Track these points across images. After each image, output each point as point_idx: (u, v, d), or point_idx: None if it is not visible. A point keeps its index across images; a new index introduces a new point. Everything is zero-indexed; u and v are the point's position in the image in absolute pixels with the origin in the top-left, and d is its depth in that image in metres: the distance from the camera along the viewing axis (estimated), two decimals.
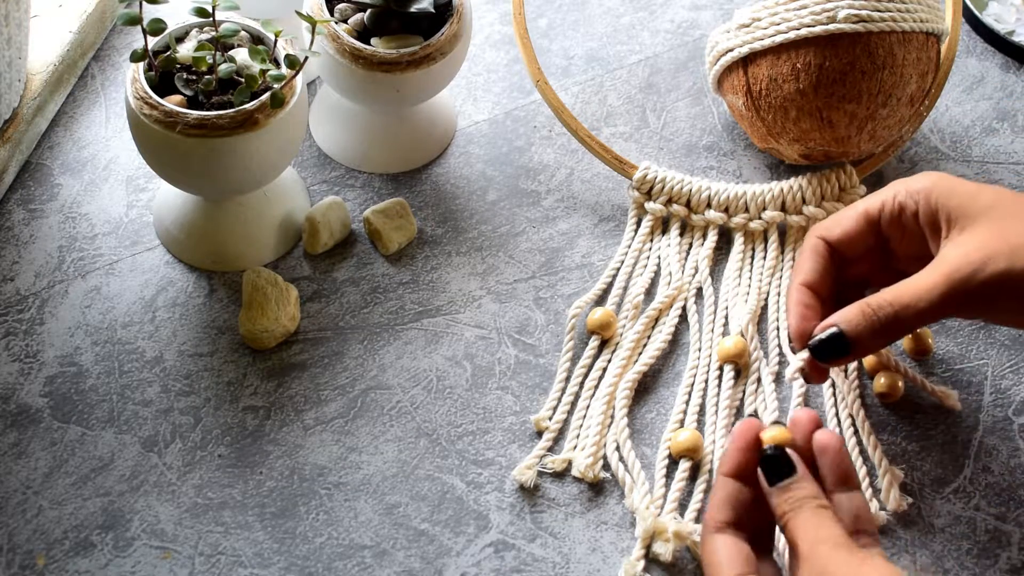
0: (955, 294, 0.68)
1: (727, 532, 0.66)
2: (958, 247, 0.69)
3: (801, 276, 0.74)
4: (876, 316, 0.69)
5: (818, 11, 0.83)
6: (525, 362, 0.82)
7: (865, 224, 0.74)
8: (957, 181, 0.72)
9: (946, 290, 0.68)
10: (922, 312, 0.68)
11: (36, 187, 0.88)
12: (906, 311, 0.68)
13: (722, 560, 0.65)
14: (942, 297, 0.68)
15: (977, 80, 0.97)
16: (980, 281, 0.67)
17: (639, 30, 1.00)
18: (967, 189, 0.71)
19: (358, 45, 0.82)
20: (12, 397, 0.79)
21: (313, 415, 0.79)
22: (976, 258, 0.68)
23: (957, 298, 0.68)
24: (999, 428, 0.80)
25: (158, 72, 0.78)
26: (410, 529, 0.75)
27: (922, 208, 0.72)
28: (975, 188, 0.71)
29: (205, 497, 0.75)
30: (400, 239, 0.86)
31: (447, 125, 0.92)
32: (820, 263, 0.74)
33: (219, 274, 0.85)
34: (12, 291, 0.83)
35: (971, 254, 0.68)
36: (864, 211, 0.74)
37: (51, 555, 0.73)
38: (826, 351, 0.71)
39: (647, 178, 0.87)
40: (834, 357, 0.71)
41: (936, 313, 0.69)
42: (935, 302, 0.68)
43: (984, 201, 0.70)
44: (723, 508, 0.67)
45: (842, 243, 0.74)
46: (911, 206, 0.72)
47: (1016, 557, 0.75)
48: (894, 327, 0.69)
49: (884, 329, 0.69)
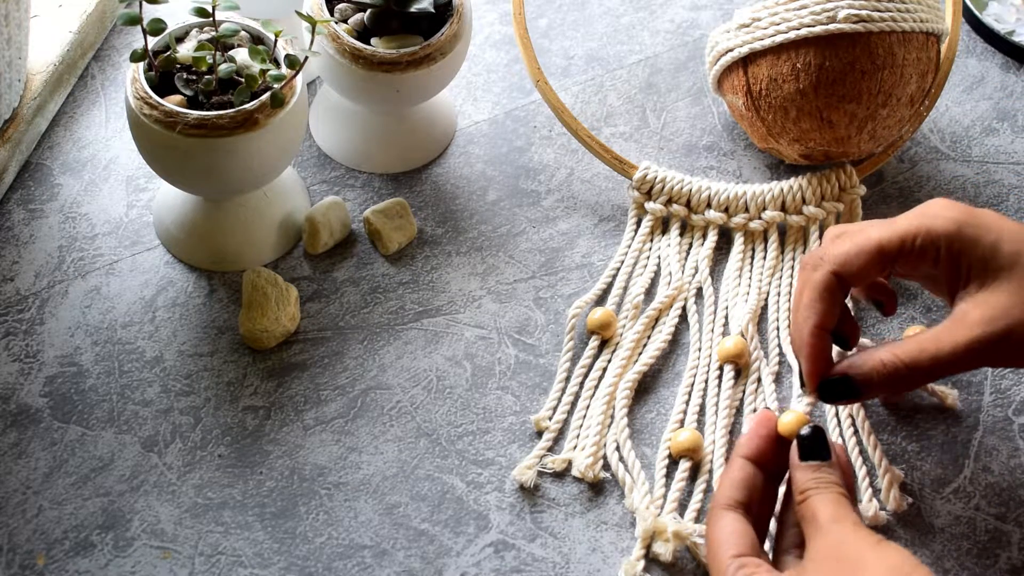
0: (973, 357, 0.68)
1: (737, 511, 0.67)
2: (979, 308, 0.68)
3: (816, 319, 0.71)
4: (889, 372, 0.69)
5: (818, 11, 0.83)
6: (525, 362, 0.82)
7: (879, 261, 0.71)
8: (979, 228, 0.69)
9: (964, 355, 0.67)
10: (936, 373, 0.68)
11: (36, 187, 0.88)
12: (921, 372, 0.68)
13: (728, 537, 0.65)
14: (959, 361, 0.68)
15: (977, 80, 0.97)
16: (1004, 348, 0.67)
17: (639, 30, 1.00)
18: (989, 242, 0.68)
19: (358, 45, 0.82)
20: (12, 397, 0.79)
21: (313, 415, 0.79)
22: (1001, 325, 0.67)
23: (975, 361, 0.68)
24: (999, 428, 0.80)
25: (158, 72, 0.78)
26: (410, 529, 0.75)
27: (944, 257, 0.69)
28: (996, 238, 0.68)
29: (205, 497, 0.75)
30: (400, 239, 0.86)
31: (447, 125, 0.92)
32: (835, 304, 0.72)
33: (219, 274, 0.85)
34: (12, 291, 0.83)
35: (996, 321, 0.67)
36: (879, 248, 0.70)
37: (51, 555, 0.73)
38: (835, 395, 0.71)
39: (647, 178, 0.87)
40: (840, 401, 0.71)
41: (951, 372, 0.69)
42: (952, 365, 0.68)
43: (1007, 257, 0.68)
44: (738, 488, 0.67)
45: (855, 279, 0.72)
46: (931, 251, 0.70)
47: (1016, 557, 0.75)
48: (906, 384, 0.69)
49: (896, 384, 0.69)
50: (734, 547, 0.65)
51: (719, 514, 0.67)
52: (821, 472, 0.66)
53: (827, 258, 0.71)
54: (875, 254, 0.70)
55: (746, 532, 0.66)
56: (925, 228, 0.70)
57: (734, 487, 0.68)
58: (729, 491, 0.67)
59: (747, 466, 0.68)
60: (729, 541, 0.65)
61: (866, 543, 0.62)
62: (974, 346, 0.67)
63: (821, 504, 0.65)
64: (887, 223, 0.71)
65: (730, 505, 0.67)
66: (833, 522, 0.64)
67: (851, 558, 0.62)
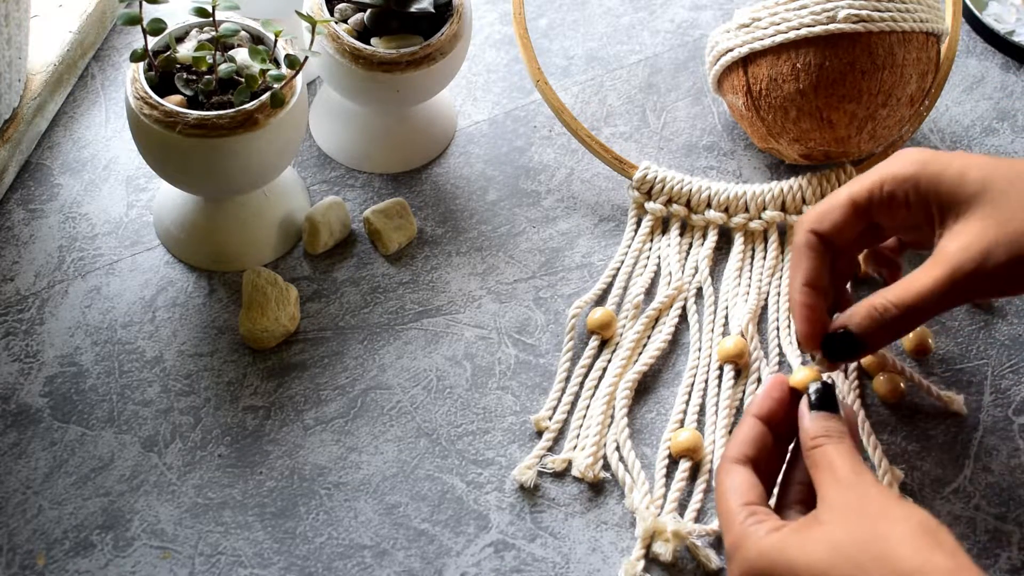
0: (958, 289, 0.68)
1: (746, 465, 0.67)
2: (955, 239, 0.68)
3: (802, 275, 0.73)
4: (883, 317, 0.69)
5: (818, 11, 0.83)
6: (525, 362, 0.82)
7: (853, 213, 0.72)
8: (942, 163, 0.70)
9: (949, 287, 0.68)
10: (927, 309, 0.69)
11: (36, 187, 0.88)
12: (912, 310, 0.69)
13: (739, 487, 0.65)
14: (946, 294, 0.68)
15: (977, 80, 0.97)
16: (983, 274, 0.67)
17: (639, 30, 1.00)
18: (953, 173, 0.70)
19: (358, 45, 0.82)
20: (12, 397, 0.79)
21: (313, 415, 0.79)
22: (976, 251, 0.67)
23: (961, 292, 0.68)
24: (999, 428, 0.80)
25: (158, 72, 0.78)
26: (410, 529, 0.75)
27: (912, 199, 0.71)
28: (961, 169, 0.70)
29: (205, 497, 0.75)
30: (400, 239, 0.86)
31: (447, 125, 0.92)
32: (817, 259, 0.73)
33: (219, 274, 0.85)
34: (12, 291, 0.83)
35: (971, 247, 0.67)
36: (850, 200, 0.72)
37: (51, 555, 0.73)
38: (839, 352, 0.71)
39: (647, 178, 0.87)
40: (846, 357, 0.71)
41: (941, 308, 0.69)
42: (940, 300, 0.68)
43: (973, 184, 0.69)
44: (748, 444, 0.68)
45: (834, 235, 0.73)
46: (900, 195, 0.71)
47: (1016, 557, 0.75)
48: (902, 325, 0.69)
49: (892, 327, 0.69)
50: (744, 496, 0.65)
51: (729, 467, 0.67)
52: (833, 422, 0.66)
53: (804, 220, 0.74)
54: (848, 206, 0.72)
55: (754, 484, 0.66)
56: (891, 174, 0.71)
57: (744, 443, 0.68)
58: (739, 447, 0.67)
59: (757, 424, 0.68)
60: (739, 490, 0.65)
61: (891, 498, 0.61)
62: (956, 276, 0.67)
63: (838, 455, 0.64)
64: (858, 178, 0.73)
65: (739, 459, 0.67)
66: (854, 474, 0.63)
67: (874, 512, 0.61)
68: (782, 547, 0.61)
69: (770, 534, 0.62)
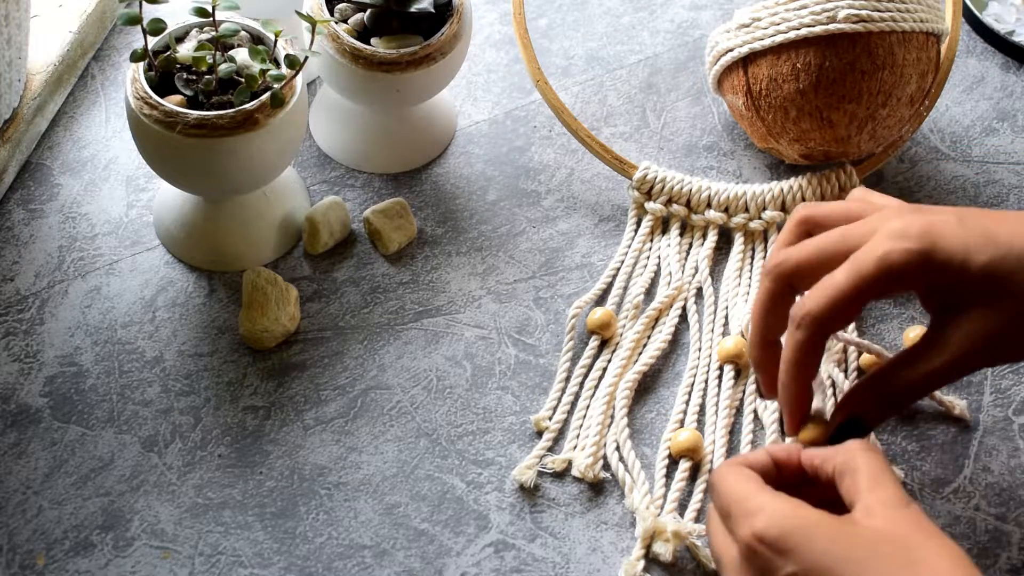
0: (964, 371, 0.67)
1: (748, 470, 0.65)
2: (960, 328, 0.66)
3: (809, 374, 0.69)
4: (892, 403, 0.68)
5: (818, 11, 0.83)
6: (525, 362, 0.82)
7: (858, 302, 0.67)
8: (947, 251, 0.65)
9: (953, 373, 0.67)
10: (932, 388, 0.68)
11: (36, 187, 0.88)
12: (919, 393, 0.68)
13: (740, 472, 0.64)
14: (950, 376, 0.67)
15: (977, 80, 0.97)
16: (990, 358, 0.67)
17: (639, 30, 1.00)
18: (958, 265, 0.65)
19: (358, 45, 0.82)
20: (12, 397, 0.79)
21: (313, 415, 0.79)
22: (981, 346, 0.65)
23: (967, 372, 0.67)
24: (999, 428, 0.80)
25: (158, 72, 0.78)
26: (410, 529, 0.75)
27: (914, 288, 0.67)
28: (963, 253, 0.65)
29: (205, 497, 0.75)
30: (400, 239, 0.86)
31: (447, 125, 0.92)
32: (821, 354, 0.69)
33: (219, 274, 0.85)
34: (12, 291, 0.83)
35: (975, 335, 0.65)
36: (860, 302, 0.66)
37: (51, 555, 0.73)
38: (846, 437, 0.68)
39: (647, 178, 0.87)
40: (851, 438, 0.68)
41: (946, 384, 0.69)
42: (944, 381, 0.68)
43: (978, 276, 0.65)
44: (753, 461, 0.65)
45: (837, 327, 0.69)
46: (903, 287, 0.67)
47: (1016, 557, 0.75)
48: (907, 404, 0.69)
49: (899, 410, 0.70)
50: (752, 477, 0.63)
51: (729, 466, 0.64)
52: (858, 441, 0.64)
53: (813, 317, 0.67)
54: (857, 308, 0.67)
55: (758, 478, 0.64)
56: (896, 272, 0.65)
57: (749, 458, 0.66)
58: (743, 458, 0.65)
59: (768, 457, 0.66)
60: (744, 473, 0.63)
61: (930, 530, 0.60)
62: (960, 364, 0.66)
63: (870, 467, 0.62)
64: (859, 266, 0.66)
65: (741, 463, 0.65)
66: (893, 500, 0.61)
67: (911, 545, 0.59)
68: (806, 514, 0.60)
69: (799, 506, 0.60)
